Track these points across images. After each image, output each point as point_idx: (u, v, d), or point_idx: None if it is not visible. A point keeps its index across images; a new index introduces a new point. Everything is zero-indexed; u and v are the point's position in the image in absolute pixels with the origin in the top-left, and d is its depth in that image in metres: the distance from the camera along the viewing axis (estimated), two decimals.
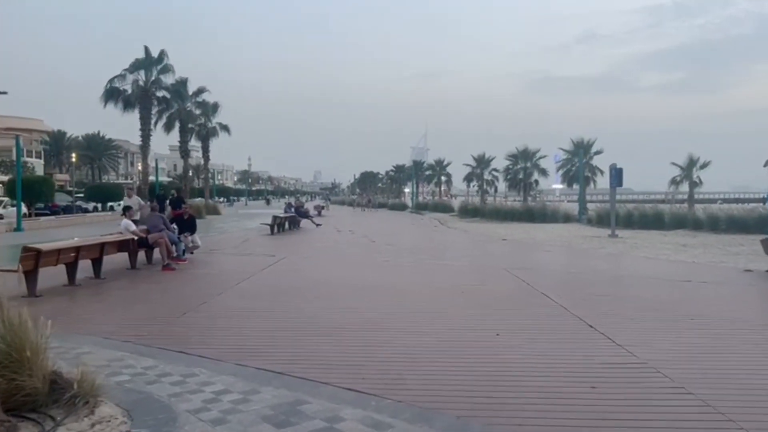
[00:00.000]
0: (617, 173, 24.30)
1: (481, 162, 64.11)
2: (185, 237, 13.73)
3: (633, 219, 29.05)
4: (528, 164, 52.59)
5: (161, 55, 34.23)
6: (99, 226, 23.70)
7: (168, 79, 35.31)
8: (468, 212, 45.61)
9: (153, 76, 34.32)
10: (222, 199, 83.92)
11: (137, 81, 34.57)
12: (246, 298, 8.76)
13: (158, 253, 12.41)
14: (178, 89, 36.72)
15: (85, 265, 10.60)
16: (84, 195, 51.64)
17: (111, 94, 33.25)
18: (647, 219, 28.65)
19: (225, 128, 47.05)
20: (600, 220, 31.87)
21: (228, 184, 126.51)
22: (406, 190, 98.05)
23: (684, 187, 42.60)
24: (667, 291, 9.93)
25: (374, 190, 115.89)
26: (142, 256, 12.80)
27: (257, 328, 6.80)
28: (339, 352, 5.75)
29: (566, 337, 6.38)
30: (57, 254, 9.43)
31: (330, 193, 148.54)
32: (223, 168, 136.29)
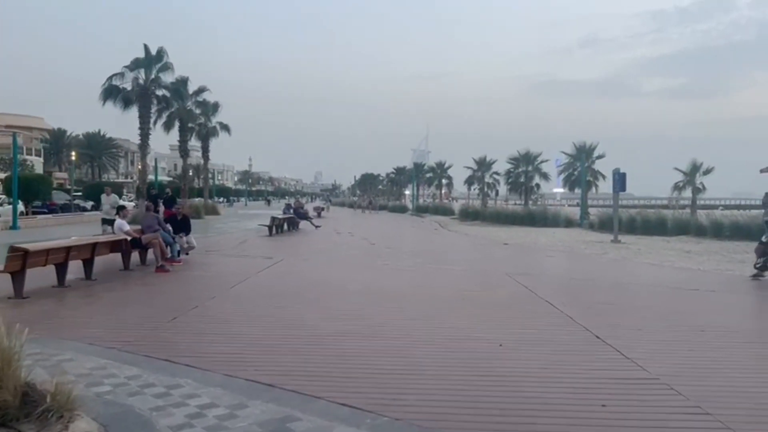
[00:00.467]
0: (620, 178, 23.99)
1: (483, 165, 63.81)
2: (180, 237, 13.45)
3: (635, 224, 28.71)
4: (529, 168, 52.31)
5: (160, 53, 33.92)
6: (96, 225, 23.41)
7: (168, 78, 35.02)
8: (469, 215, 45.33)
9: (152, 75, 33.99)
10: (221, 200, 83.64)
11: (137, 79, 34.29)
12: (239, 303, 8.47)
13: (152, 254, 12.13)
14: (178, 88, 36.40)
15: (77, 266, 10.34)
16: (82, 193, 51.32)
17: (110, 93, 32.93)
18: (650, 224, 28.33)
19: (225, 128, 46.79)
20: (602, 225, 31.56)
21: (228, 185, 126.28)
22: (407, 193, 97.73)
23: (686, 193, 42.37)
24: (675, 300, 9.63)
25: (375, 192, 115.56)
26: (136, 257, 12.53)
27: (249, 335, 6.50)
28: (334, 362, 5.46)
29: (573, 349, 6.09)
30: (46, 254, 9.15)
31: (330, 195, 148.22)
32: (224, 168, 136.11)
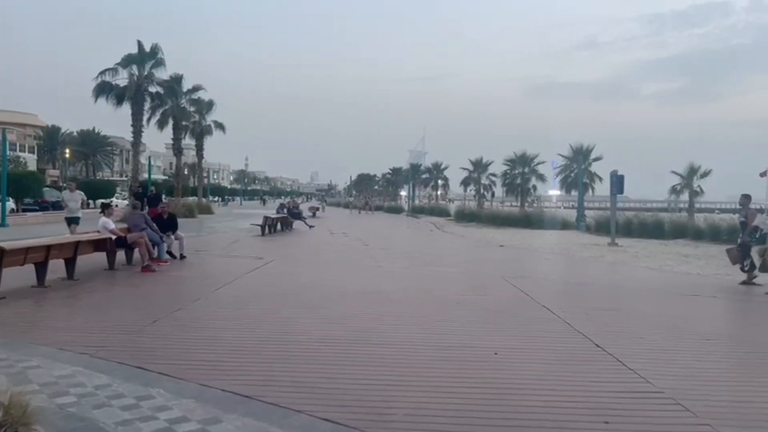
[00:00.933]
0: (618, 180, 23.69)
1: (479, 166, 63.57)
2: (167, 237, 13.10)
3: (632, 227, 28.49)
4: (526, 169, 52.03)
5: (154, 50, 33.48)
6: (88, 223, 22.98)
7: (161, 75, 34.63)
8: (464, 217, 45.06)
9: (146, 71, 33.54)
10: (216, 199, 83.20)
11: (131, 76, 33.86)
12: (224, 306, 8.12)
13: (139, 254, 11.77)
14: (172, 85, 35.98)
15: (60, 266, 10.00)
16: None
17: (102, 89, 32.47)
18: (647, 228, 28.10)
19: (220, 126, 46.36)
20: (599, 228, 31.31)
21: (224, 184, 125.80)
22: (403, 193, 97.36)
23: (684, 196, 42.16)
24: (677, 306, 9.34)
25: (370, 193, 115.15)
26: (122, 256, 12.18)
27: (230, 341, 6.16)
28: (318, 372, 5.13)
29: (572, 358, 5.77)
30: (24, 253, 8.79)
31: (326, 195, 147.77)
32: (220, 167, 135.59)
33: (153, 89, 35.04)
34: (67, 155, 66.34)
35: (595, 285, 11.72)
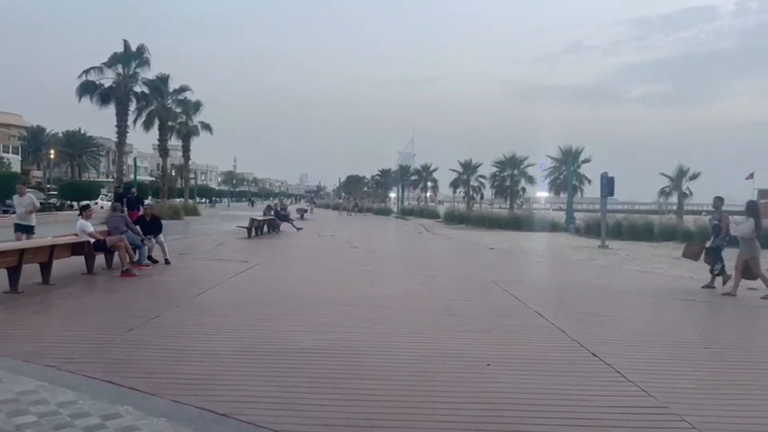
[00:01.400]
0: (608, 182, 23.54)
1: (468, 168, 63.35)
2: (149, 240, 12.72)
3: (622, 229, 28.33)
4: (515, 171, 51.92)
5: (141, 50, 32.94)
6: (72, 225, 22.53)
7: (147, 75, 34.14)
8: (454, 219, 44.79)
9: (131, 71, 33.03)
10: (204, 200, 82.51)
11: (117, 75, 33.32)
12: (205, 312, 7.78)
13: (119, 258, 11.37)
14: (158, 85, 35.47)
15: (35, 270, 9.61)
16: (58, 192, 50.04)
17: (86, 88, 31.90)
18: (636, 230, 27.97)
19: (207, 127, 45.81)
20: (588, 230, 31.17)
21: (212, 185, 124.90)
22: (392, 195, 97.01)
23: (673, 198, 42.20)
24: (672, 312, 9.10)
25: (360, 194, 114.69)
26: (102, 260, 11.79)
27: (209, 352, 5.82)
28: (301, 385, 4.81)
29: (568, 370, 5.49)
30: None
31: (315, 196, 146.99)
32: (207, 168, 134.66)
33: (139, 89, 34.59)
34: (52, 156, 65.40)
35: (588, 289, 11.47)
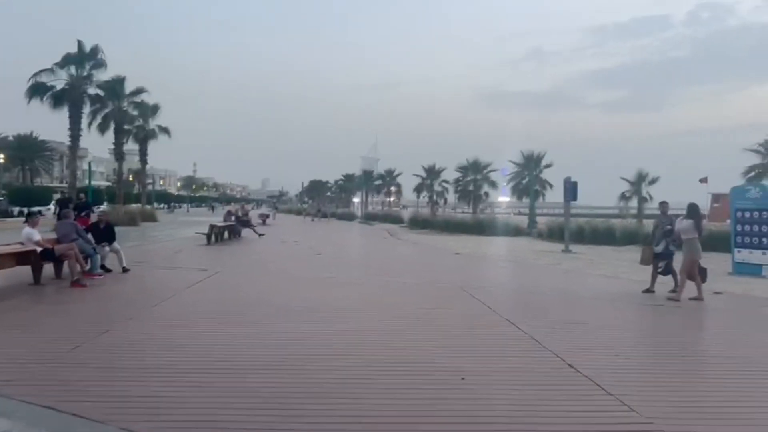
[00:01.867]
0: (572, 187, 23.68)
1: (432, 173, 63.51)
2: (102, 248, 12.09)
3: (584, 234, 28.63)
4: (478, 176, 52.29)
5: (95, 50, 31.78)
6: (20, 233, 21.46)
7: (102, 76, 32.98)
8: (418, 223, 44.77)
9: (85, 72, 31.87)
10: (162, 206, 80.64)
11: (70, 77, 32.12)
12: (159, 326, 7.30)
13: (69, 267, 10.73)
14: (114, 87, 34.32)
15: None
16: (6, 198, 48.06)
17: (36, 90, 30.58)
18: (598, 234, 28.32)
19: (165, 131, 44.65)
20: (551, 234, 31.45)
21: (171, 190, 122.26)
22: (356, 200, 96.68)
23: (633, 203, 42.98)
24: (645, 318, 9.01)
25: (323, 199, 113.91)
26: (51, 270, 11.12)
27: (163, 370, 5.38)
28: (257, 409, 4.44)
29: (545, 383, 5.25)
30: None
31: (278, 201, 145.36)
32: (166, 174, 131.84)
33: (93, 91, 33.39)
34: (2, 160, 62.86)
35: (557, 295, 11.34)
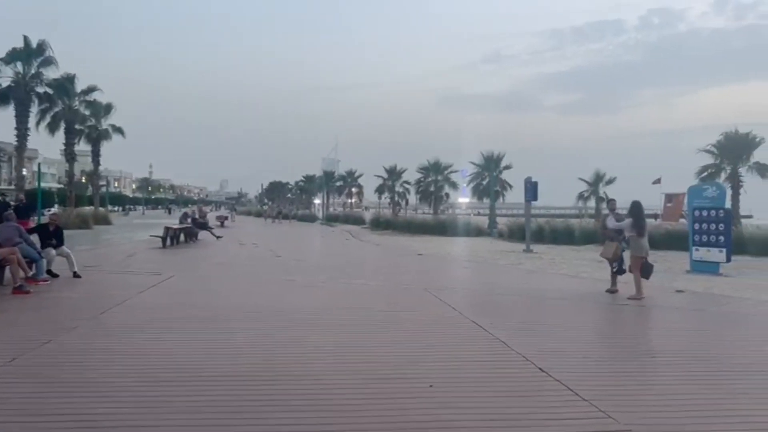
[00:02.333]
0: (532, 187, 23.84)
1: (393, 174, 63.46)
2: (48, 251, 11.44)
3: (544, 234, 28.96)
4: (439, 177, 52.39)
5: (42, 46, 30.50)
6: None
7: (51, 74, 31.68)
8: (380, 225, 44.62)
9: (33, 70, 30.57)
10: (117, 208, 78.41)
11: (16, 74, 30.77)
12: (107, 335, 6.84)
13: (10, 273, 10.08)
14: (63, 85, 33.00)
15: None
16: None
17: None
18: (558, 234, 28.68)
19: (119, 131, 43.26)
20: (511, 234, 31.70)
21: (126, 192, 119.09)
22: (317, 201, 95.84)
23: (591, 203, 43.71)
24: (611, 318, 8.95)
25: (283, 201, 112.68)
26: None
27: (108, 384, 4.96)
28: (208, 424, 4.09)
29: (516, 389, 5.04)
30: None
31: (237, 203, 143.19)
32: (121, 175, 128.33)
33: (41, 89, 32.04)
34: None
35: (521, 295, 11.22)
